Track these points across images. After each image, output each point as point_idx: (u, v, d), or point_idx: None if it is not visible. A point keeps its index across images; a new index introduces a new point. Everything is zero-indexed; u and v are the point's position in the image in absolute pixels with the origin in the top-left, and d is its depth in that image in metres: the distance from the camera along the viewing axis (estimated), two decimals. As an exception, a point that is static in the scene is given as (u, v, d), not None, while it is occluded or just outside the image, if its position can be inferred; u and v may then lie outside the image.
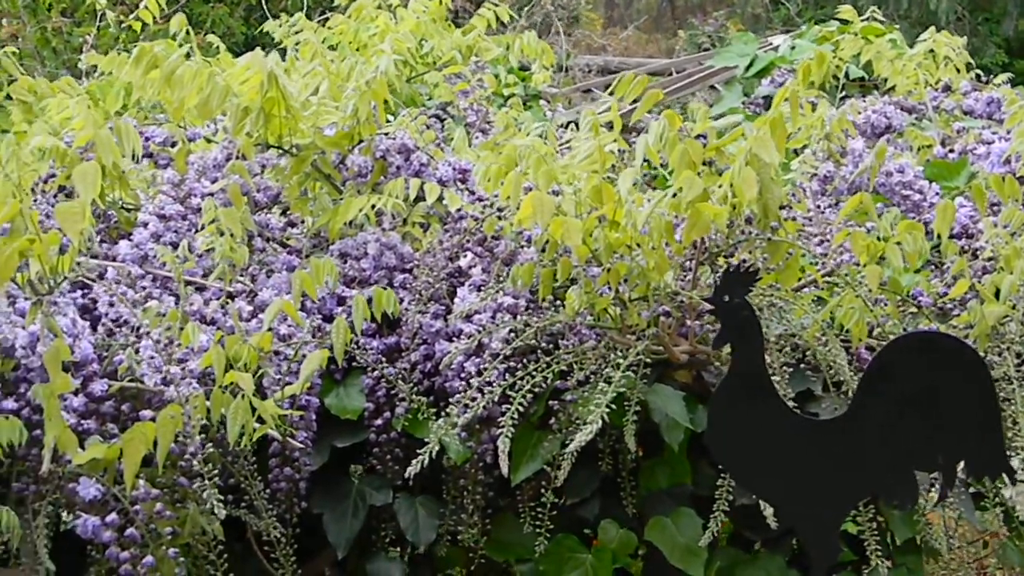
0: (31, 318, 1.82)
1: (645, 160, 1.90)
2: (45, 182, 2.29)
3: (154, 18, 3.24)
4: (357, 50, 3.20)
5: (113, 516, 1.79)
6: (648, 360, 1.92)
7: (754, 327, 1.68)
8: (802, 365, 2.06)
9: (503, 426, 1.86)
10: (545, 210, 1.78)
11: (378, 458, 2.11)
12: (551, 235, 1.86)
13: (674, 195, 1.84)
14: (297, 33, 3.07)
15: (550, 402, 2.02)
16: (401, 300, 2.07)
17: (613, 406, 1.86)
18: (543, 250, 2.04)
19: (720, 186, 1.85)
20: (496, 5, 3.34)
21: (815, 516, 1.73)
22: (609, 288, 1.91)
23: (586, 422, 1.80)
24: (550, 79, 4.21)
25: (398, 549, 2.17)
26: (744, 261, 1.82)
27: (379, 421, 2.09)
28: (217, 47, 3.08)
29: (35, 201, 2.21)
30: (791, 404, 1.86)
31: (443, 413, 1.99)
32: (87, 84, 3.16)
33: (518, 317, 1.96)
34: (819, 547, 1.73)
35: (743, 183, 1.76)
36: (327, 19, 3.29)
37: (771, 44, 4.16)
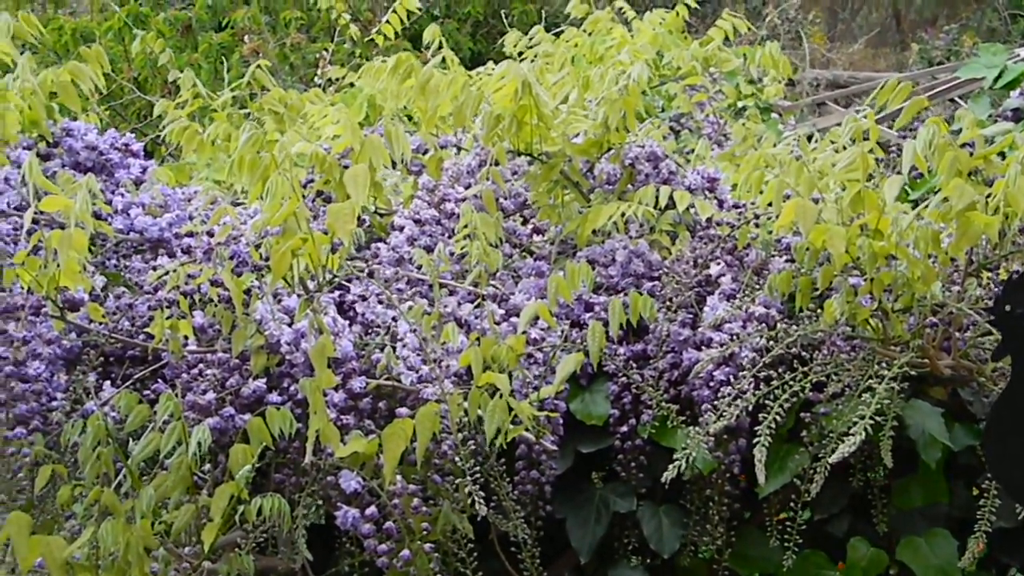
0: (300, 315, 1.89)
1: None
2: (304, 187, 2.38)
3: (396, 32, 3.34)
4: (590, 63, 3.22)
5: (372, 509, 1.84)
6: (912, 373, 1.86)
7: (1037, 338, 1.61)
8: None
9: (758, 435, 1.83)
10: (808, 217, 1.75)
11: (622, 465, 2.11)
12: (812, 243, 1.83)
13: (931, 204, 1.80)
14: (532, 48, 3.10)
15: (801, 414, 1.98)
16: (649, 307, 2.07)
17: (873, 419, 1.81)
18: (794, 259, 2.02)
19: (989, 196, 1.79)
20: (735, 16, 3.31)
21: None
22: (871, 298, 1.87)
23: (849, 433, 1.76)
24: (782, 92, 4.15)
25: (639, 557, 2.17)
26: (1017, 271, 1.75)
27: (624, 428, 2.09)
28: (451, 61, 3.15)
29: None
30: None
31: (691, 422, 1.99)
32: (330, 96, 3.27)
33: (778, 326, 1.93)
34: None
35: (1018, 192, 1.70)
36: (560, 32, 3.32)
37: (1020, 56, 4.00)
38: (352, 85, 3.99)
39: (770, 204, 1.86)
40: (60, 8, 7.15)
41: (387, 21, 3.36)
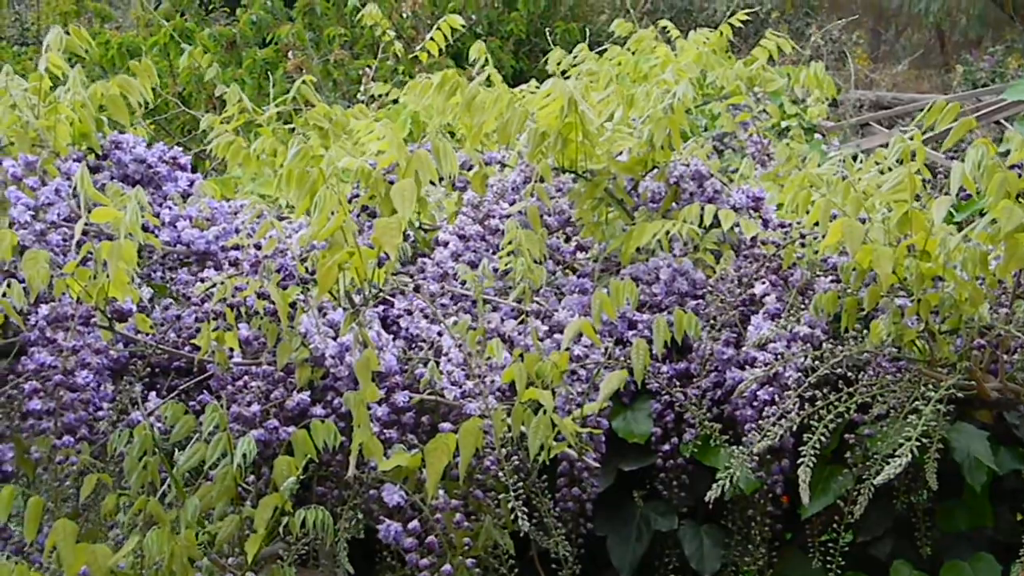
0: (345, 328, 1.90)
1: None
2: (349, 201, 2.39)
3: (440, 50, 3.35)
4: (634, 82, 3.22)
5: (415, 523, 1.84)
6: (958, 396, 1.85)
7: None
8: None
9: (802, 456, 1.82)
10: (855, 237, 1.74)
11: (664, 484, 2.10)
12: (858, 263, 1.82)
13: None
14: (575, 66, 3.11)
15: (846, 435, 1.97)
16: (693, 326, 2.06)
17: (918, 441, 1.80)
18: (839, 279, 2.01)
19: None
20: (778, 36, 3.31)
21: None
22: (918, 319, 1.86)
23: (894, 455, 1.75)
24: (826, 112, 4.14)
25: (680, 576, 2.16)
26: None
27: (667, 447, 2.09)
28: (495, 78, 3.15)
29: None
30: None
31: (734, 441, 1.98)
32: (374, 112, 3.28)
33: (823, 346, 1.92)
34: None
35: (1068, 214, 1.68)
36: (604, 51, 3.32)
37: (1067, 77, 3.97)
38: (395, 102, 4.01)
39: (816, 224, 1.85)
40: (106, 23, 7.23)
41: (431, 38, 3.37)
